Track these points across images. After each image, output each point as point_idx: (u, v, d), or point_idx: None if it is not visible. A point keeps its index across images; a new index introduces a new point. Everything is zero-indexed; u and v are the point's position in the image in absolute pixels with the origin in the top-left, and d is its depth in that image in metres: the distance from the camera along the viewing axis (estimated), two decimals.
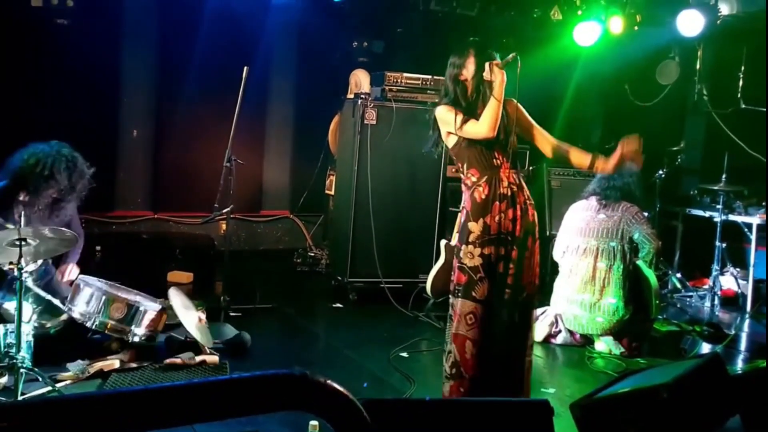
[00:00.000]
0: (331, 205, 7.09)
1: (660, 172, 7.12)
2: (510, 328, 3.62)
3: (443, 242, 5.87)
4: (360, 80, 6.86)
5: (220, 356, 4.49)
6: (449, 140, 3.72)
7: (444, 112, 3.67)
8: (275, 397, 1.26)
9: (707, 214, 6.89)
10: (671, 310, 6.48)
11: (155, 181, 7.63)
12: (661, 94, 7.75)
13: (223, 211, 5.45)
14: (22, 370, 3.61)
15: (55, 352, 4.17)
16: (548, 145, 3.82)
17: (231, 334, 4.88)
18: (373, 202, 6.07)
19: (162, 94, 7.50)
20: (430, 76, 6.24)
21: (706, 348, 5.32)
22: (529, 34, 7.46)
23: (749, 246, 6.58)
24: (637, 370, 3.96)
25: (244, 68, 5.33)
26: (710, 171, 7.08)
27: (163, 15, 7.30)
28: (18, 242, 3.56)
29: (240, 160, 5.49)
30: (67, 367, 4.06)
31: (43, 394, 3.72)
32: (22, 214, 3.70)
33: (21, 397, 3.57)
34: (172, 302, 4.51)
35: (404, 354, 4.94)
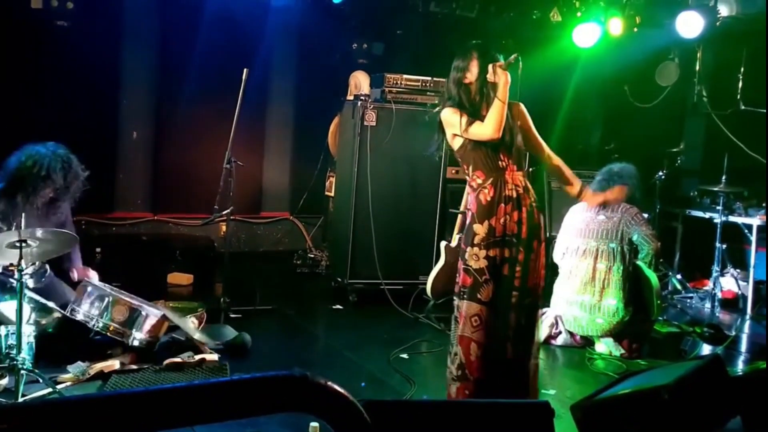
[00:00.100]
0: (331, 206, 7.09)
1: (660, 173, 7.11)
2: (517, 331, 3.61)
3: (443, 243, 5.87)
4: (360, 82, 6.85)
5: (220, 357, 4.48)
6: (455, 142, 3.72)
7: (449, 115, 3.68)
8: (276, 398, 1.26)
9: (707, 216, 6.88)
10: (671, 312, 6.48)
11: (155, 182, 7.64)
12: (661, 96, 7.75)
13: (223, 213, 5.45)
14: (23, 372, 3.61)
15: (56, 354, 4.17)
16: (543, 154, 3.85)
17: (231, 336, 4.88)
18: (373, 204, 6.06)
19: (162, 96, 7.50)
20: (429, 78, 6.24)
21: (706, 349, 5.31)
22: (529, 36, 7.45)
23: (749, 247, 6.57)
24: (637, 371, 3.97)
25: (244, 70, 5.34)
26: (710, 172, 7.08)
27: (163, 17, 7.31)
28: (18, 244, 3.56)
29: (240, 162, 5.49)
30: (68, 369, 4.06)
31: (44, 395, 3.72)
32: (23, 216, 3.70)
33: (21, 399, 3.57)
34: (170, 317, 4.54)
35: (404, 355, 4.94)
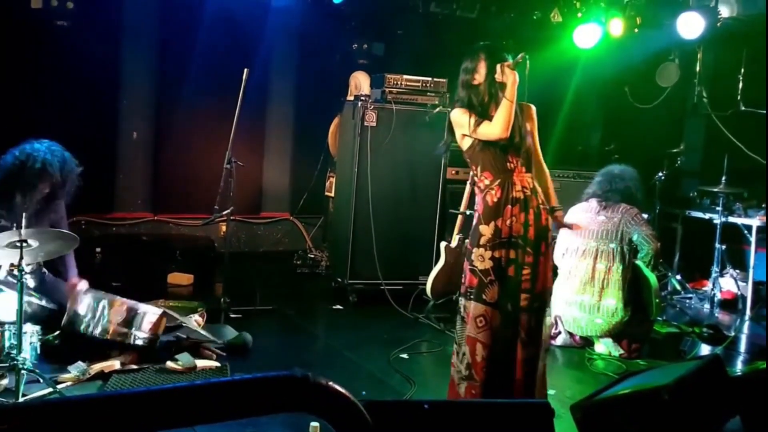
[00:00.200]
0: (331, 206, 7.09)
1: (660, 174, 7.11)
2: (527, 334, 3.61)
3: (443, 244, 5.87)
4: (360, 82, 6.85)
5: (220, 358, 4.48)
6: (464, 143, 3.72)
7: (458, 115, 3.69)
8: (277, 398, 1.26)
9: (707, 216, 6.88)
10: (671, 312, 6.47)
11: (155, 182, 7.63)
12: (661, 97, 7.75)
13: (223, 213, 5.46)
14: (23, 372, 3.61)
15: (56, 354, 4.17)
16: (536, 163, 3.82)
17: (231, 336, 4.88)
18: (373, 204, 6.06)
19: (162, 96, 7.50)
20: (430, 78, 6.23)
21: (706, 350, 5.32)
22: (529, 36, 7.45)
23: (749, 248, 6.57)
24: (637, 371, 3.97)
25: (245, 70, 5.34)
26: (710, 173, 7.09)
27: (163, 17, 7.30)
28: (18, 243, 3.56)
29: (240, 162, 5.50)
30: (68, 369, 4.05)
31: (44, 395, 3.72)
32: (23, 215, 3.70)
33: (22, 399, 3.58)
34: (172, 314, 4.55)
35: (404, 355, 4.94)
